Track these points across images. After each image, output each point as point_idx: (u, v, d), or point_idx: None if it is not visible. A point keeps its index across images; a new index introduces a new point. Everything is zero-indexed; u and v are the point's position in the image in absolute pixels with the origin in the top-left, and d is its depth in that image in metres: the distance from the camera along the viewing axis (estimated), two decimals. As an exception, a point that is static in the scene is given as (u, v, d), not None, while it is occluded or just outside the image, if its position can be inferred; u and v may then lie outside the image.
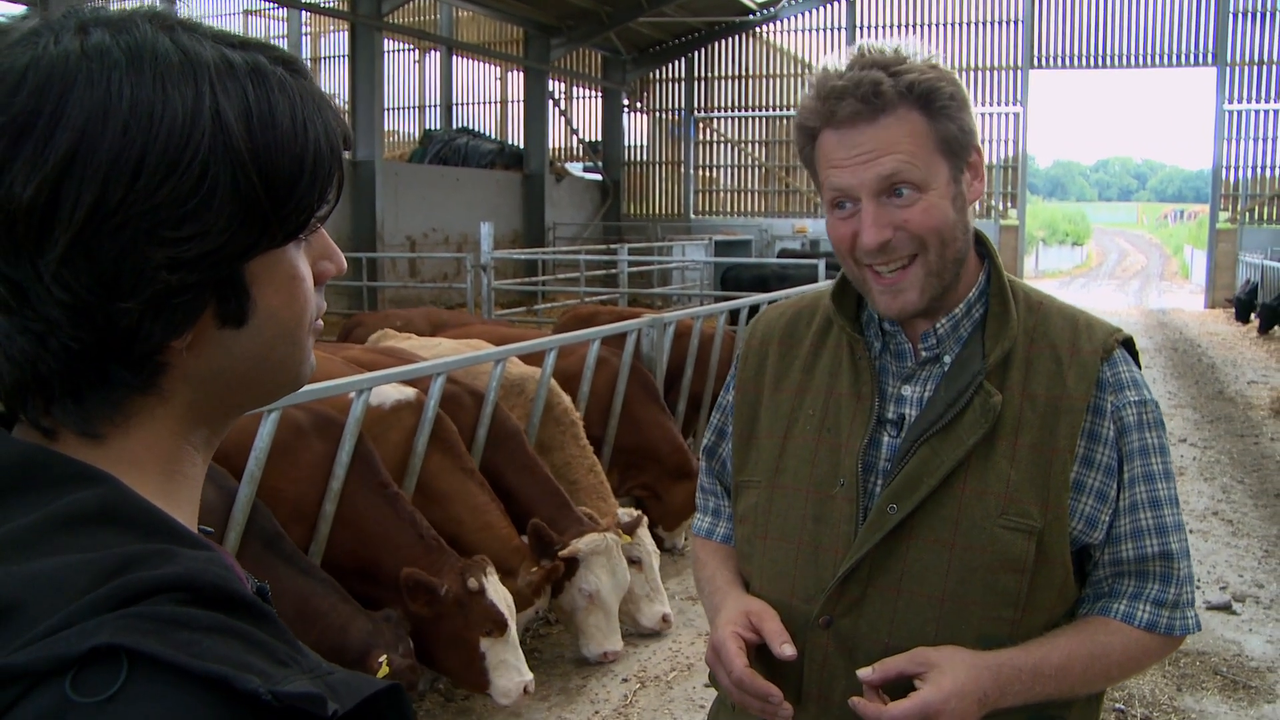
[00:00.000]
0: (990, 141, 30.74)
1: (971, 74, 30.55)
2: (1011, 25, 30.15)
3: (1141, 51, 29.45)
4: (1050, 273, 49.72)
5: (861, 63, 1.78)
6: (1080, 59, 29.96)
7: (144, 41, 0.84)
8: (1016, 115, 30.40)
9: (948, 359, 1.87)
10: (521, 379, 6.85)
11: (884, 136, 1.75)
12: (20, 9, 29.02)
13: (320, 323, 1.01)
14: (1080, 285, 41.15)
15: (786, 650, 1.79)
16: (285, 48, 0.95)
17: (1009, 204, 30.88)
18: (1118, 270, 54.72)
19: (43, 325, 0.83)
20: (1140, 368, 1.92)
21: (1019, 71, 30.18)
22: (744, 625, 1.84)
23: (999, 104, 30.53)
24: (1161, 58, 29.34)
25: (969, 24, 30.52)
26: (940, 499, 1.79)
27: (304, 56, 34.15)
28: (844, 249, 1.83)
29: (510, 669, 4.86)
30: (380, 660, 4.07)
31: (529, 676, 4.89)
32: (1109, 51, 29.67)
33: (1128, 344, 1.90)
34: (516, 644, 4.91)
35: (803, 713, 1.85)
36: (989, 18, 30.35)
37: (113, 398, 0.88)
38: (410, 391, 5.68)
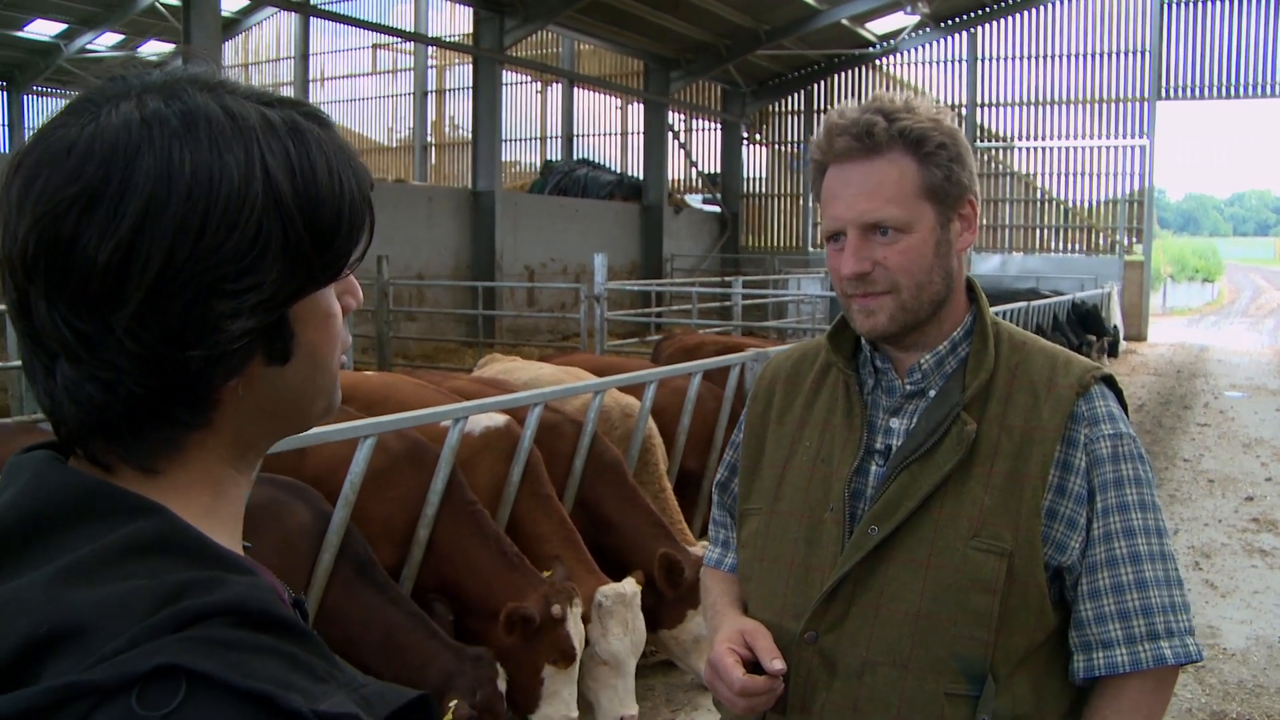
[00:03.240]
0: (1115, 175, 30.16)
1: (1095, 106, 30.00)
2: (1137, 56, 29.48)
3: (1277, 81, 28.59)
4: (1179, 310, 48.06)
5: (867, 108, 1.94)
6: (1211, 89, 29.14)
7: (196, 108, 0.91)
8: (1143, 148, 29.69)
9: (932, 393, 1.99)
10: (609, 410, 6.86)
11: (874, 177, 1.91)
12: (169, 48, 30.04)
13: (344, 357, 1.09)
14: (1210, 323, 39.65)
15: (776, 665, 1.91)
16: (412, 80, 1.01)
17: (1134, 239, 30.13)
18: (1251, 308, 52.76)
19: (111, 374, 0.89)
20: (1125, 406, 2.02)
21: (1145, 103, 29.47)
22: (738, 642, 1.97)
23: (1124, 137, 29.86)
24: (1299, 87, 28.43)
25: (1093, 55, 29.92)
26: (918, 521, 1.90)
27: (429, 89, 34.93)
28: (835, 277, 1.98)
29: (560, 701, 4.86)
30: (450, 705, 4.07)
31: (575, 714, 4.89)
32: (1242, 81, 28.83)
33: (1108, 381, 2.00)
34: (575, 678, 4.91)
35: None
36: (1114, 49, 29.71)
37: (171, 436, 0.95)
38: (501, 419, 5.74)
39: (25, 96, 33.49)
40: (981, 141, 31.38)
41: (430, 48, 34.02)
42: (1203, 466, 12.21)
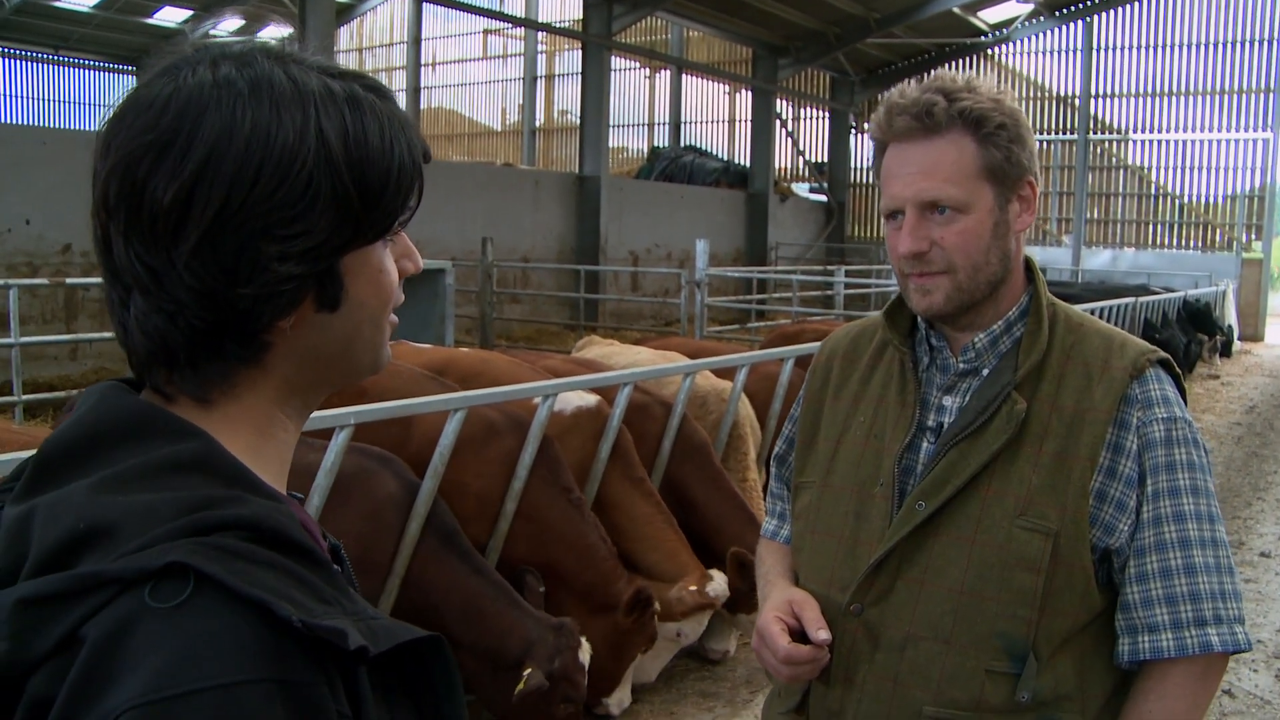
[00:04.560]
0: (1235, 169, 29.26)
1: (1215, 98, 29.10)
2: (1262, 45, 28.48)
3: None
4: (1301, 311, 46.39)
5: (928, 87, 1.94)
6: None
7: (262, 74, 1.02)
8: (1266, 141, 28.69)
9: (985, 372, 2.00)
10: (704, 394, 6.92)
11: (933, 156, 1.91)
12: (287, 31, 30.95)
13: (395, 318, 1.17)
14: (1336, 325, 38.19)
15: (821, 635, 1.94)
16: (522, 65, 1.12)
17: (1254, 236, 29.25)
18: (1380, 310, 50.70)
19: (174, 306, 1.00)
20: (1184, 391, 1.99)
21: (1269, 94, 28.50)
22: (785, 612, 2.00)
23: (1246, 130, 28.94)
24: None
25: (1214, 45, 29.00)
26: (965, 498, 1.91)
27: (539, 74, 35.21)
28: (894, 257, 2.00)
29: (629, 684, 5.15)
30: (525, 673, 4.18)
31: (630, 695, 5.23)
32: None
33: (1166, 364, 1.99)
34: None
35: (829, 692, 2.01)
36: (1237, 38, 28.76)
37: (224, 369, 1.05)
38: (592, 399, 5.83)
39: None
40: (1095, 134, 30.73)
41: (540, 33, 34.31)
42: (1314, 470, 11.88)
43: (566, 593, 5.06)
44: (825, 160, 34.89)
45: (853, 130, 34.46)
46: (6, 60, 35.84)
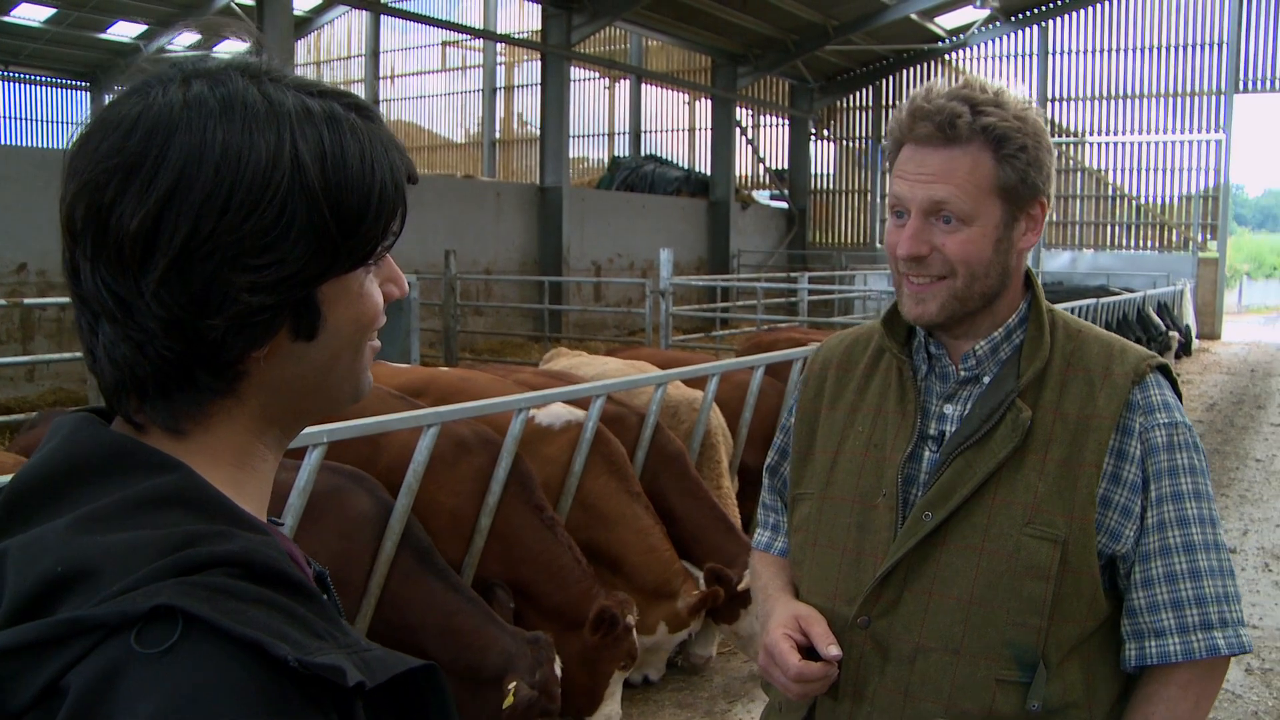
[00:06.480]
0: (1189, 170, 29.60)
1: (1170, 100, 29.44)
2: (1214, 48, 28.84)
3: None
4: (1255, 308, 46.99)
5: (955, 94, 1.93)
6: (1292, 82, 28.45)
7: (235, 92, 0.96)
8: (1219, 142, 29.05)
9: (987, 379, 1.99)
10: (675, 404, 6.92)
11: (948, 165, 1.89)
12: (244, 46, 30.92)
13: (378, 342, 1.11)
14: (1289, 322, 38.87)
15: (832, 651, 1.92)
16: (481, 77, 1.06)
17: (1209, 236, 29.58)
18: (1333, 307, 51.53)
19: (141, 335, 0.95)
20: (1180, 396, 2.01)
21: (1222, 96, 28.84)
22: (793, 628, 1.97)
23: (1199, 131, 29.26)
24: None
25: (1168, 48, 29.33)
26: (972, 508, 1.90)
27: (498, 85, 35.11)
28: (891, 254, 1.99)
29: (615, 700, 5.12)
30: (510, 687, 4.15)
31: (620, 710, 5.17)
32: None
33: (1164, 370, 1.99)
34: (623, 679, 5.19)
35: (838, 706, 1.99)
36: (1190, 41, 29.11)
37: (197, 399, 1.00)
38: (582, 413, 5.82)
39: (107, 96, 34.11)
40: (1053, 137, 30.87)
41: (499, 44, 34.23)
42: (1275, 467, 12.01)
43: (537, 612, 5.03)
44: (785, 167, 35.01)
45: (812, 137, 34.59)
46: (-43, 78, 35.48)
